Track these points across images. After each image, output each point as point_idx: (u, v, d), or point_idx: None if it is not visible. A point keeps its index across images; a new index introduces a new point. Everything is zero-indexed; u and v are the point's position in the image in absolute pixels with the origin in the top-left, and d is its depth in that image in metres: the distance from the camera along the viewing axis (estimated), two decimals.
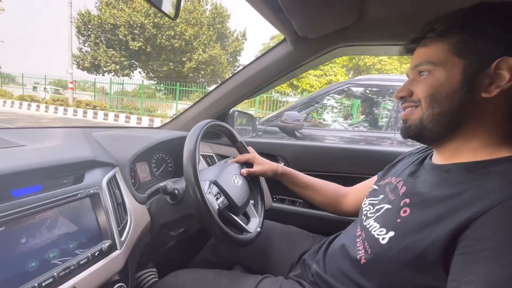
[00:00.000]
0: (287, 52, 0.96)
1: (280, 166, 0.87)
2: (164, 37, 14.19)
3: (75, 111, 10.73)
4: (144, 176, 0.90)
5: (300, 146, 1.20)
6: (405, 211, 0.49)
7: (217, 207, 0.68)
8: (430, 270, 0.44)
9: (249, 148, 0.93)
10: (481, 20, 0.45)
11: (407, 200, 0.51)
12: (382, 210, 0.56)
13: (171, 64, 15.32)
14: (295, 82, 12.30)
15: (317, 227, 0.94)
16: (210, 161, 1.12)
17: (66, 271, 0.48)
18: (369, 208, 0.61)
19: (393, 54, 0.86)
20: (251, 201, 0.87)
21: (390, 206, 0.54)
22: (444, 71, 0.47)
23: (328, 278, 0.61)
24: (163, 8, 0.54)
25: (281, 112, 2.24)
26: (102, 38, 14.91)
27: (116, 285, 0.59)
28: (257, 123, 1.57)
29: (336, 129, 3.44)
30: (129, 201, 0.68)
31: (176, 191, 0.70)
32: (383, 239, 0.50)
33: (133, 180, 0.81)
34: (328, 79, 12.28)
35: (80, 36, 15.02)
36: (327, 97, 2.82)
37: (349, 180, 0.90)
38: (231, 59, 17.91)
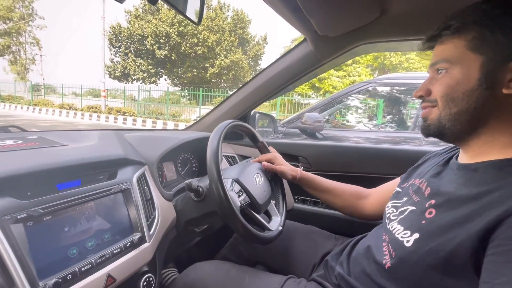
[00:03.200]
0: (308, 52, 0.96)
1: (300, 171, 0.87)
2: (188, 44, 14.79)
3: (107, 117, 11.40)
4: (170, 175, 0.95)
5: (322, 146, 1.19)
6: (430, 212, 0.48)
7: (239, 204, 0.70)
8: (460, 274, 0.42)
9: (270, 148, 0.94)
10: (498, 14, 0.44)
11: (432, 201, 0.49)
12: (406, 212, 0.54)
13: (195, 70, 15.89)
14: (317, 84, 12.13)
15: (339, 228, 0.93)
16: (232, 161, 1.15)
17: (102, 259, 0.52)
18: (393, 210, 0.59)
19: (417, 50, 0.84)
20: (273, 201, 0.87)
21: (414, 208, 0.53)
22: (460, 69, 0.46)
23: (352, 280, 0.60)
24: (187, 14, 0.57)
25: (301, 114, 2.22)
26: (131, 49, 15.88)
27: (145, 276, 0.63)
28: (278, 125, 1.57)
29: (360, 130, 3.33)
30: (157, 197, 0.72)
31: (200, 189, 0.73)
32: (407, 241, 0.48)
33: (160, 179, 0.85)
34: (352, 79, 11.94)
35: (111, 47, 16.09)
36: (350, 97, 2.74)
37: (372, 181, 0.87)
38: (252, 64, 18.18)
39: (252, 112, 1.25)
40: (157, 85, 16.99)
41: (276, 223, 0.79)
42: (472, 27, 0.45)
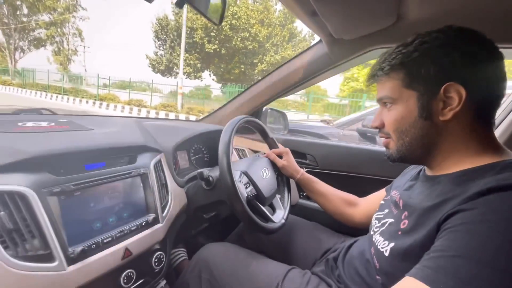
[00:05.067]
0: (322, 53, 0.98)
1: (302, 172, 0.92)
2: (239, 38, 14.40)
3: (157, 113, 10.44)
4: (183, 163, 1.01)
5: (329, 146, 1.21)
6: (404, 223, 0.52)
7: (246, 195, 0.75)
8: None
9: (281, 146, 0.97)
10: (421, 52, 0.49)
11: (406, 213, 0.53)
12: (386, 225, 0.58)
13: (243, 66, 15.50)
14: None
15: (341, 227, 0.96)
16: (242, 154, 1.20)
17: (121, 234, 0.59)
18: (375, 222, 0.63)
19: None
20: (278, 195, 0.92)
21: (393, 220, 0.57)
22: (402, 105, 0.52)
23: (348, 282, 0.65)
24: (209, 15, 0.61)
25: (362, 116, 2.13)
26: (179, 41, 15.10)
27: (157, 253, 0.69)
28: (331, 125, 1.56)
29: None
30: (171, 183, 0.78)
31: (210, 178, 0.78)
32: (386, 251, 0.52)
33: (174, 166, 0.91)
34: None
35: (156, 40, 15.66)
36: None
37: (379, 183, 0.89)
38: None
39: (264, 108, 1.29)
40: (201, 80, 16.62)
41: (279, 216, 0.84)
42: (400, 69, 0.51)
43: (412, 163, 0.59)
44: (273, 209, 0.87)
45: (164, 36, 15.55)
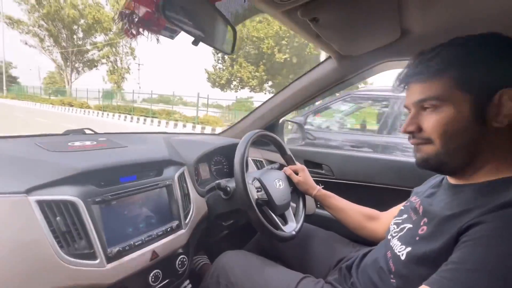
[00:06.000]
0: (333, 68, 1.03)
1: (318, 188, 0.94)
2: (312, 46, 12.23)
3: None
4: (204, 175, 1.10)
5: (346, 156, 1.23)
6: (422, 229, 0.53)
7: (256, 197, 0.80)
8: None
9: (298, 164, 1.01)
10: (476, 57, 0.48)
11: (425, 219, 0.54)
12: (405, 230, 0.59)
13: None
14: None
15: (358, 236, 0.97)
16: (259, 165, 1.26)
17: (149, 238, 0.68)
18: (394, 227, 0.64)
19: None
20: (293, 205, 0.96)
21: (411, 226, 0.58)
22: (452, 107, 0.48)
23: None
24: (222, 48, 0.70)
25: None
26: (242, 52, 13.85)
27: (180, 256, 0.78)
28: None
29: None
30: (193, 193, 0.86)
31: (228, 188, 0.85)
32: (402, 255, 0.54)
33: (196, 177, 1.00)
34: None
35: (215, 52, 14.01)
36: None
37: (396, 193, 0.90)
38: None
39: (281, 120, 1.35)
40: (265, 93, 14.83)
41: (290, 228, 0.86)
42: (456, 67, 0.49)
43: (445, 173, 0.56)
44: (285, 220, 0.90)
45: None
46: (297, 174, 0.97)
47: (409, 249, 0.53)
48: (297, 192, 0.99)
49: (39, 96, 22.61)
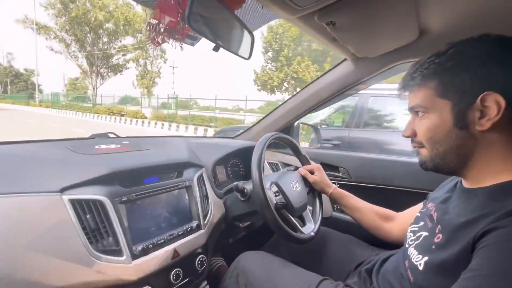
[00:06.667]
0: (349, 70, 1.03)
1: (334, 187, 0.94)
2: None
3: None
4: (221, 177, 1.12)
5: (363, 158, 1.22)
6: (438, 237, 0.52)
7: (275, 202, 0.81)
8: None
9: (313, 163, 1.02)
10: (456, 61, 0.49)
11: (440, 227, 0.53)
12: (421, 238, 0.58)
13: None
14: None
15: (375, 240, 0.96)
16: (275, 168, 1.27)
17: (171, 237, 0.70)
18: (410, 235, 0.63)
19: None
20: (310, 208, 0.96)
21: (427, 234, 0.57)
22: (436, 114, 0.52)
23: None
24: (240, 53, 0.72)
25: None
26: (300, 50, 12.99)
27: (200, 256, 0.80)
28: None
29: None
30: (211, 194, 0.89)
31: (245, 190, 0.87)
32: (420, 264, 0.53)
33: (214, 179, 1.02)
34: None
35: (265, 52, 13.39)
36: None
37: (412, 195, 0.88)
38: None
39: (296, 123, 1.35)
40: None
41: (309, 229, 0.87)
42: (434, 78, 0.51)
43: (447, 173, 0.58)
44: (303, 221, 0.91)
45: (279, 46, 12.87)
46: (312, 173, 0.97)
47: (426, 258, 0.52)
48: (313, 192, 0.99)
49: (77, 104, 20.55)
